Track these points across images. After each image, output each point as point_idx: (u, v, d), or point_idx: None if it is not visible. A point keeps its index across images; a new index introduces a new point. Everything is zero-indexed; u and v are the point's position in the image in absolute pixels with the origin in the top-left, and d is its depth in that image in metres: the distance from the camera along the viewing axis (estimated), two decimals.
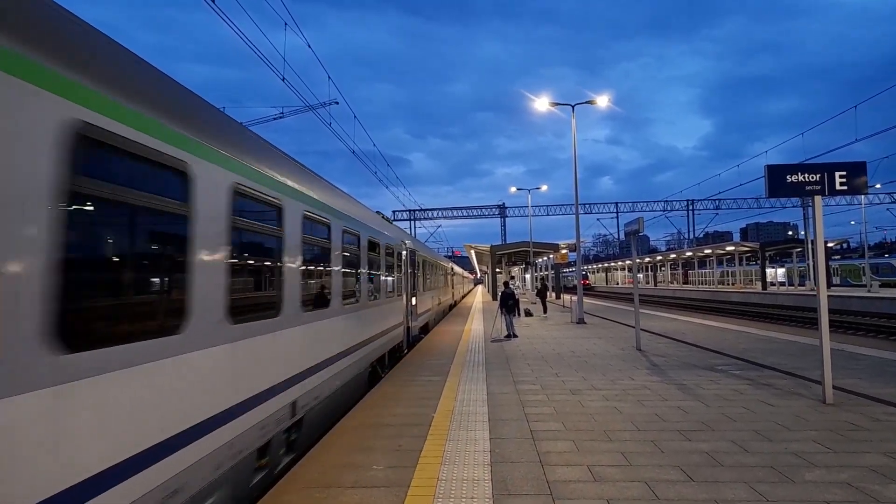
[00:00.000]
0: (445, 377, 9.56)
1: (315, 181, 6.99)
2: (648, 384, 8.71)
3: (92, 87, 2.82)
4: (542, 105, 23.45)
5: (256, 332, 4.69)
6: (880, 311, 27.72)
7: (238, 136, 4.84)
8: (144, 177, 3.24)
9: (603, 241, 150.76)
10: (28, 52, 2.44)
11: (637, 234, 13.12)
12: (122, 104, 3.04)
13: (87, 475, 2.65)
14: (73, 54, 2.78)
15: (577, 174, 22.55)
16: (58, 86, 2.58)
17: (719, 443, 5.61)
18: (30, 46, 2.47)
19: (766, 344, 13.43)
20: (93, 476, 2.68)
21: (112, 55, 3.26)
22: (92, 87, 2.82)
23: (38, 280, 2.43)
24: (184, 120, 3.71)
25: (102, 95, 2.89)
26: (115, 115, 2.95)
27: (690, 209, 78.01)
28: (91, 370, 2.70)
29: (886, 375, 9.03)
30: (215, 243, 4.02)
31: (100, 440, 2.76)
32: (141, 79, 3.46)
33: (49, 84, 2.53)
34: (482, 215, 79.98)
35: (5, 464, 2.24)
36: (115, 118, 2.95)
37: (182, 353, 3.53)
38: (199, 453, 3.67)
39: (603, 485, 4.53)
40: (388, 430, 6.23)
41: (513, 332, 16.37)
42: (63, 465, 2.53)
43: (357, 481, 4.66)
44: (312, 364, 6.22)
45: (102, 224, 3.00)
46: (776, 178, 7.64)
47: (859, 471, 4.75)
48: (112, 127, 2.92)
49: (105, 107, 2.89)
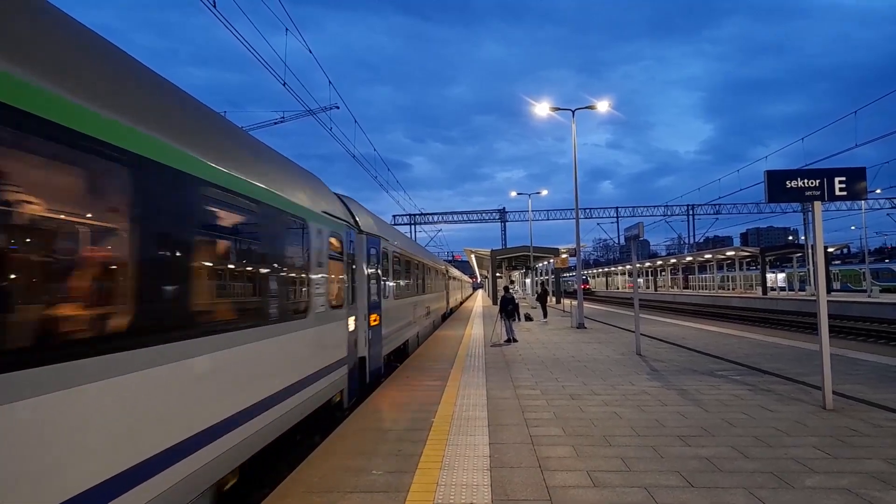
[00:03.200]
0: (445, 381, 9.55)
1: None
2: (648, 389, 8.70)
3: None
4: (542, 110, 23.53)
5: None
6: (881, 317, 27.69)
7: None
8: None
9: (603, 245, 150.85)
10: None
11: (637, 239, 13.14)
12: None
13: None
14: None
15: (578, 179, 22.61)
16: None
17: (719, 448, 5.60)
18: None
19: (766, 349, 13.41)
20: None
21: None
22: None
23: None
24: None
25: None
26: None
27: (691, 214, 78.08)
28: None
29: (887, 381, 9.02)
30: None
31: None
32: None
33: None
34: (483, 220, 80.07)
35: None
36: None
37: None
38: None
39: (603, 490, 4.52)
40: (388, 435, 6.22)
41: (513, 336, 16.37)
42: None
43: (357, 486, 4.66)
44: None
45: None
46: (776, 183, 7.66)
47: (860, 477, 4.74)
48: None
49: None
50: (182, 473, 3.61)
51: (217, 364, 4.18)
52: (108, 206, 3.26)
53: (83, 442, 2.82)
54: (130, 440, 3.15)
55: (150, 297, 3.43)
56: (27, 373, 2.47)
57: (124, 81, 3.53)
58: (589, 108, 22.51)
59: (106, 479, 2.92)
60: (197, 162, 4.03)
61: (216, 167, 4.33)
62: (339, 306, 7.69)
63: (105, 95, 3.18)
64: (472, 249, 53.78)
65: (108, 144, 3.10)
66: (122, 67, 3.60)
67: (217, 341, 4.17)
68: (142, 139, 3.39)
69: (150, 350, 3.34)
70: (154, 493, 3.30)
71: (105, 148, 3.07)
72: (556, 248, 43.21)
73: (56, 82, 2.77)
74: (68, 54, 3.03)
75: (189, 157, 3.92)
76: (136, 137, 3.32)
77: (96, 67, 3.27)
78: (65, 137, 2.79)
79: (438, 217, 79.28)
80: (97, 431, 2.91)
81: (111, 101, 3.21)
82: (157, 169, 3.52)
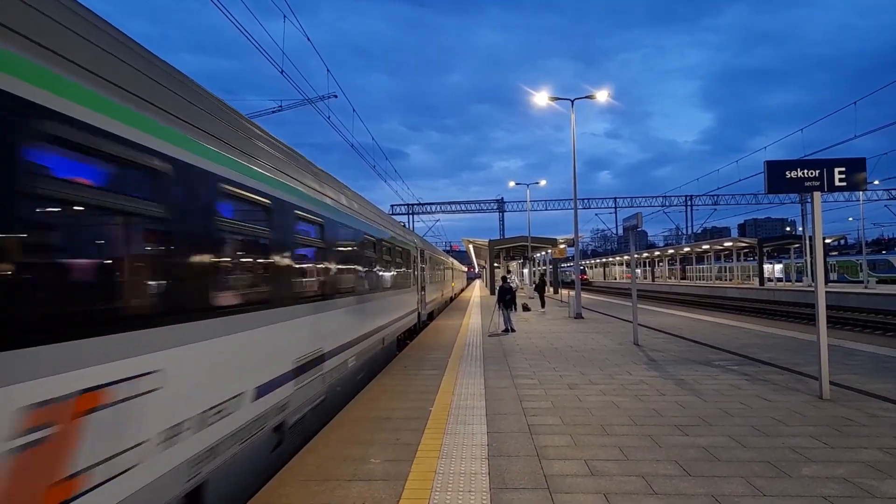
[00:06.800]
0: (443, 371, 9.56)
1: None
2: (646, 379, 8.72)
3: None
4: (541, 100, 23.38)
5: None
6: (877, 308, 27.82)
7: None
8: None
9: (601, 236, 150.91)
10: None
11: (635, 230, 13.11)
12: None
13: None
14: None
15: (576, 169, 22.53)
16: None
17: (716, 438, 5.62)
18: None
19: (763, 339, 13.46)
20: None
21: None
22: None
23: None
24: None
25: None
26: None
27: (689, 204, 78.10)
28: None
29: (883, 371, 9.06)
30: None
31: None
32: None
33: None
34: (480, 210, 79.95)
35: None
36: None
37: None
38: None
39: (600, 479, 4.54)
40: (387, 424, 6.23)
41: (510, 326, 16.39)
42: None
43: (355, 474, 4.67)
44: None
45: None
46: (775, 173, 7.62)
47: (856, 466, 4.76)
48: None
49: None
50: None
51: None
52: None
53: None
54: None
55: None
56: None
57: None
58: (588, 98, 22.36)
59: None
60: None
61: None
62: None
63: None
64: (470, 239, 53.69)
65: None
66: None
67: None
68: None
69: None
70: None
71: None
72: (554, 239, 43.18)
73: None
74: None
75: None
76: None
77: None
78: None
79: (436, 207, 79.17)
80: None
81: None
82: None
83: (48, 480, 2.30)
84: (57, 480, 2.35)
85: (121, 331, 2.85)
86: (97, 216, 2.88)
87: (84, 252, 2.90)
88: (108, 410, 2.69)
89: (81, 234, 2.87)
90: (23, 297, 2.28)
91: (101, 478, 2.60)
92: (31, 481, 2.24)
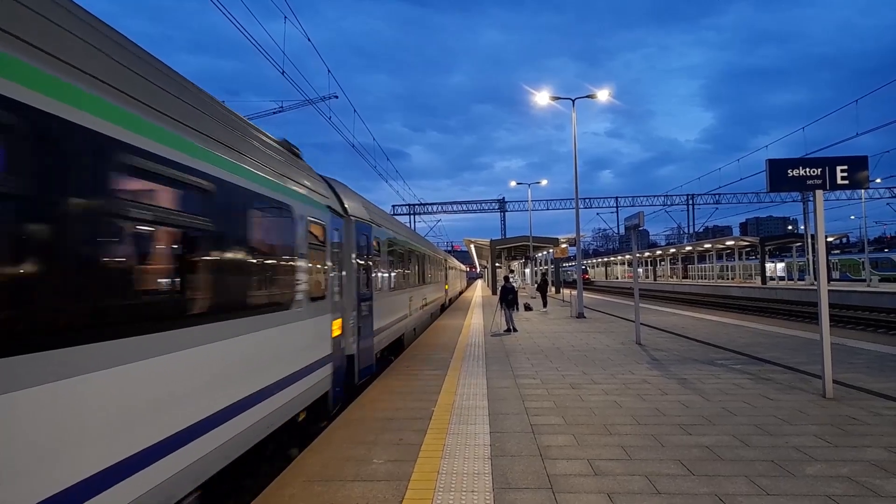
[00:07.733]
0: (446, 371, 9.56)
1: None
2: (648, 378, 8.71)
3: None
4: (542, 99, 23.37)
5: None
6: (880, 306, 27.73)
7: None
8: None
9: (603, 235, 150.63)
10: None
11: (637, 229, 13.09)
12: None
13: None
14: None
15: (578, 168, 22.52)
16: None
17: (720, 437, 5.60)
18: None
19: (765, 338, 13.43)
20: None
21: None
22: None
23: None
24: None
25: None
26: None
27: (690, 203, 77.94)
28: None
29: (887, 370, 9.03)
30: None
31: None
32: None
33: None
34: (482, 210, 79.98)
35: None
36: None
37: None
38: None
39: (603, 478, 4.53)
40: (389, 424, 6.23)
41: (512, 326, 16.39)
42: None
43: (358, 475, 4.66)
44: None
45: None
46: (777, 172, 7.60)
47: (860, 465, 4.75)
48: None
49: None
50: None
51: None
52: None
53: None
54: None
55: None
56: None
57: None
58: (589, 97, 22.35)
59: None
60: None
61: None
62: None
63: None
64: (471, 239, 53.68)
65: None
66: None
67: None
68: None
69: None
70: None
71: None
72: (556, 238, 43.16)
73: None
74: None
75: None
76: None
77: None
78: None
79: (438, 207, 79.17)
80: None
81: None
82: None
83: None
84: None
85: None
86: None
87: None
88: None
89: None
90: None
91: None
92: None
